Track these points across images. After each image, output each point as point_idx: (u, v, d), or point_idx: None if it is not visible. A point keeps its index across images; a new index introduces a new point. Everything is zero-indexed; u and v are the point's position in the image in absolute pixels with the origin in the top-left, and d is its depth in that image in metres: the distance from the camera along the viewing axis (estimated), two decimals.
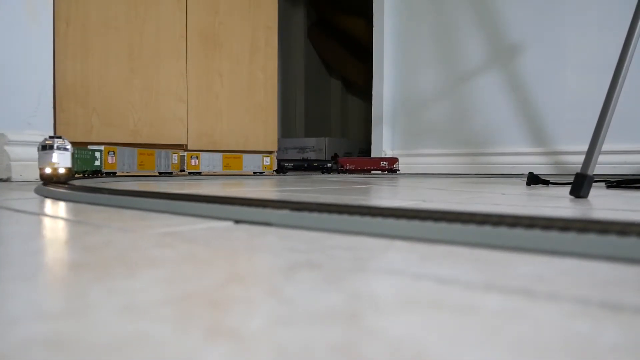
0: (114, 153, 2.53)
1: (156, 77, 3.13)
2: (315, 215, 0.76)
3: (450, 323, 0.31)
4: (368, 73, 4.00)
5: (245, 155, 3.42)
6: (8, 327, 0.30)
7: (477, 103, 3.51)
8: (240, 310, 0.33)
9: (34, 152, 1.98)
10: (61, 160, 1.50)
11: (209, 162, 3.23)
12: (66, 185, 1.46)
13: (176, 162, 3.09)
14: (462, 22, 3.55)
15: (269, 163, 3.54)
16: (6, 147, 2.36)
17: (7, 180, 2.33)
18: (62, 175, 1.52)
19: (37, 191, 1.52)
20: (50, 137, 1.51)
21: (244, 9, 3.56)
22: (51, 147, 1.50)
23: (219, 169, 3.28)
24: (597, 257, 0.51)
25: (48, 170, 1.52)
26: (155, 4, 3.11)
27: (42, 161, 1.51)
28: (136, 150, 2.75)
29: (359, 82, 4.99)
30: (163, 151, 2.96)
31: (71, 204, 1.20)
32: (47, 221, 0.85)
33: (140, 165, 2.79)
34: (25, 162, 2.36)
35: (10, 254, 0.57)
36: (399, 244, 0.61)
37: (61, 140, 1.50)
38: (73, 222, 0.83)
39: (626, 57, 1.36)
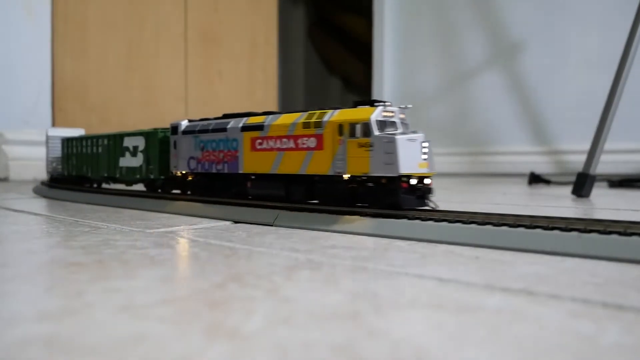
0: None
1: (155, 75, 3.13)
2: (315, 215, 0.76)
3: (451, 323, 0.31)
4: (368, 72, 4.00)
5: None
6: (8, 327, 0.29)
7: (478, 102, 3.51)
8: (241, 309, 0.33)
9: (31, 151, 1.98)
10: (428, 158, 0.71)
11: None
12: (65, 185, 1.46)
13: None
14: (462, 20, 3.55)
15: None
16: (4, 146, 2.35)
17: (5, 179, 2.33)
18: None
19: (36, 191, 1.52)
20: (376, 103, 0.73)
21: (243, 7, 3.56)
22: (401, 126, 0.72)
23: None
24: (598, 258, 0.51)
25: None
26: (155, 2, 3.11)
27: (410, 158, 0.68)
28: None
29: (359, 81, 4.99)
30: None
31: (69, 204, 1.20)
32: (46, 221, 0.85)
33: None
34: (23, 162, 2.35)
35: (9, 253, 0.56)
36: (399, 243, 0.61)
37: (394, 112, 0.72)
38: (72, 222, 0.82)
39: (628, 55, 1.36)
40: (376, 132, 0.69)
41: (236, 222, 0.81)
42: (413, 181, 0.69)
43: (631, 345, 0.27)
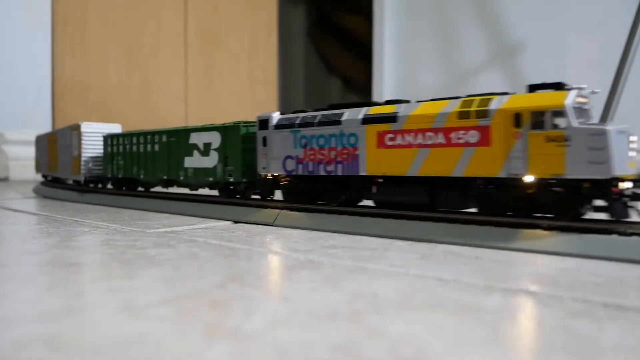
0: None
1: (155, 75, 3.13)
2: (315, 215, 0.76)
3: (451, 323, 0.31)
4: (368, 71, 4.00)
5: None
6: (8, 327, 0.29)
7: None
8: (240, 309, 0.33)
9: (32, 151, 1.98)
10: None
11: None
12: (64, 185, 1.46)
13: None
14: (462, 20, 3.55)
15: None
16: (4, 147, 2.35)
17: (5, 179, 2.33)
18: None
19: (36, 191, 1.52)
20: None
21: (243, 7, 3.56)
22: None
23: None
24: (598, 258, 0.51)
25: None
26: (155, 2, 3.11)
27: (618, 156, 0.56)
28: None
29: (359, 81, 4.99)
30: None
31: (70, 204, 1.20)
32: (46, 221, 0.85)
33: None
34: (23, 161, 2.35)
35: (9, 253, 0.56)
36: (399, 243, 0.61)
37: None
38: (72, 222, 0.82)
39: (628, 55, 1.36)
40: (575, 123, 0.55)
41: (236, 222, 0.81)
42: (626, 184, 0.55)
43: (631, 345, 0.27)
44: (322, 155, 0.78)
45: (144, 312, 0.33)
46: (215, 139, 0.97)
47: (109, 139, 1.27)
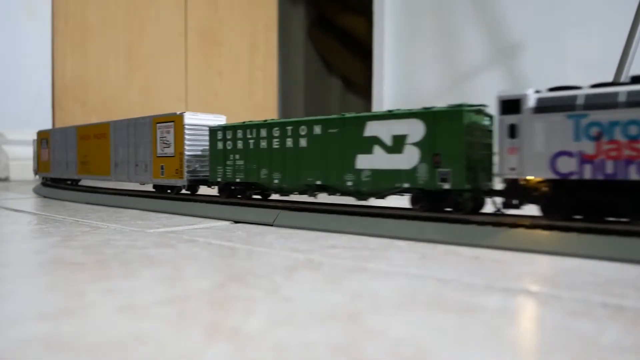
0: None
1: (155, 75, 3.13)
2: (315, 215, 0.76)
3: (451, 323, 0.31)
4: (368, 72, 4.00)
5: None
6: (8, 327, 0.29)
7: (478, 102, 3.51)
8: (241, 308, 0.33)
9: (32, 151, 1.98)
10: None
11: None
12: (64, 185, 1.46)
13: None
14: (462, 20, 3.55)
15: None
16: (4, 146, 2.36)
17: (6, 179, 2.33)
18: None
19: (36, 191, 1.52)
20: None
21: (243, 7, 3.56)
22: None
23: None
24: (598, 258, 0.51)
25: None
26: (155, 2, 3.11)
27: None
28: None
29: (359, 81, 4.99)
30: None
31: (70, 204, 1.20)
32: (46, 221, 0.85)
33: None
34: (23, 162, 2.35)
35: (9, 253, 0.56)
36: (399, 243, 0.61)
37: None
38: (72, 222, 0.82)
39: (628, 55, 1.36)
40: None
41: (236, 222, 0.81)
42: None
43: (631, 345, 0.27)
44: (635, 151, 0.54)
45: (143, 312, 0.33)
46: (415, 129, 0.71)
47: (219, 132, 0.96)
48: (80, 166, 1.37)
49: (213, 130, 0.97)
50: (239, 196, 0.93)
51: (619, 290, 0.39)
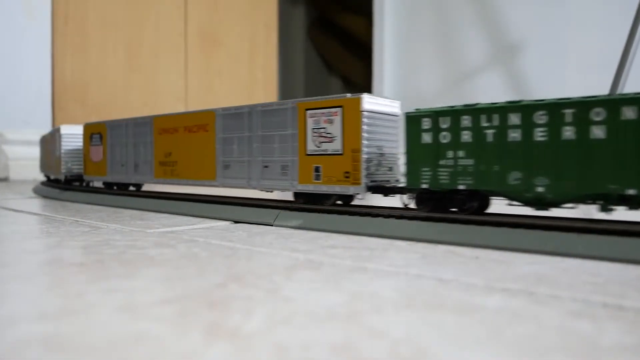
0: None
1: (155, 75, 3.13)
2: (315, 215, 0.76)
3: (451, 323, 0.31)
4: (368, 72, 4.00)
5: None
6: (8, 327, 0.29)
7: (478, 102, 3.51)
8: (240, 309, 0.33)
9: (32, 151, 1.98)
10: None
11: None
12: (64, 185, 1.46)
13: None
14: (462, 20, 3.55)
15: None
16: (4, 146, 2.36)
17: (6, 179, 2.33)
18: None
19: (36, 191, 1.52)
20: None
21: (243, 7, 3.56)
22: None
23: None
24: (598, 258, 0.51)
25: None
26: (155, 2, 3.11)
27: None
28: None
29: (359, 81, 4.99)
30: None
31: (70, 204, 1.20)
32: (46, 221, 0.85)
33: None
34: (23, 162, 2.35)
35: (9, 253, 0.56)
36: (399, 243, 0.61)
37: None
38: (72, 222, 0.82)
39: (628, 55, 1.36)
40: None
41: (236, 222, 0.81)
42: None
43: (631, 345, 0.27)
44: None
45: (143, 312, 0.33)
46: None
47: (425, 120, 0.70)
48: (160, 168, 1.06)
49: (414, 118, 0.70)
50: (455, 209, 0.68)
51: (619, 290, 0.39)
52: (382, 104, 0.78)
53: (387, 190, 0.75)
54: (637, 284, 0.41)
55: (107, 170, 1.23)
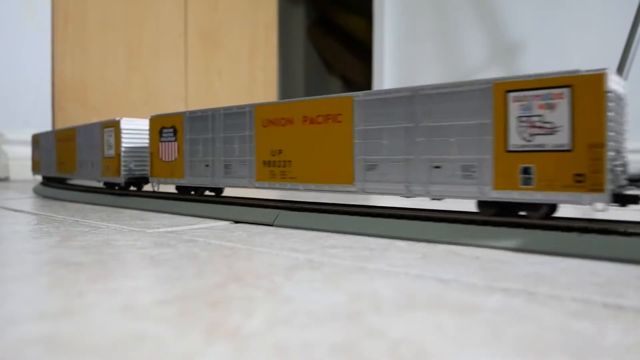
0: None
1: (155, 75, 3.13)
2: (315, 215, 0.76)
3: (451, 323, 0.31)
4: (368, 72, 4.00)
5: None
6: (8, 327, 0.29)
7: None
8: (240, 309, 0.33)
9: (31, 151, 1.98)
10: None
11: None
12: (64, 185, 1.46)
13: None
14: (463, 20, 3.55)
15: None
16: (4, 146, 2.36)
17: (6, 179, 2.33)
18: None
19: (36, 191, 1.52)
20: None
21: (243, 7, 3.56)
22: None
23: None
24: (598, 258, 0.51)
25: None
26: (155, 2, 3.11)
27: None
28: None
29: (359, 81, 4.99)
30: None
31: (70, 204, 1.20)
32: (46, 221, 0.85)
33: None
34: (23, 162, 2.35)
35: (9, 253, 0.56)
36: (399, 243, 0.61)
37: None
38: (72, 222, 0.82)
39: (628, 55, 1.36)
40: None
41: (236, 222, 0.81)
42: None
43: (631, 345, 0.27)
44: None
45: (143, 312, 0.33)
46: None
47: None
48: (265, 169, 0.84)
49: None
50: None
51: (619, 290, 0.39)
52: (620, 83, 0.60)
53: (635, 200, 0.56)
54: (637, 284, 0.41)
55: (184, 172, 1.00)
